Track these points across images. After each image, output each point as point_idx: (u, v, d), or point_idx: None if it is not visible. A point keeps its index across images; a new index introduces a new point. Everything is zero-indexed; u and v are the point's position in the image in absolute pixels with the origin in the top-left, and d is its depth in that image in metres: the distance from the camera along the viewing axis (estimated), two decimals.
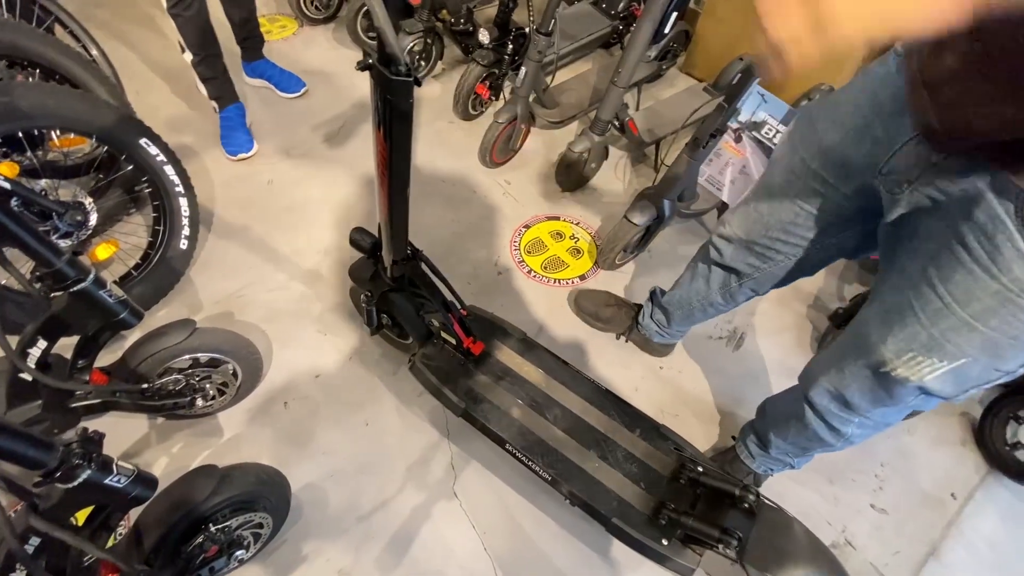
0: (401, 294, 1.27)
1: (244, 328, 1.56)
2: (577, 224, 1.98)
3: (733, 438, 1.40)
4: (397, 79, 0.77)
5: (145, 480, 0.92)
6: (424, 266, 1.24)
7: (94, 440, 0.83)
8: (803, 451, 1.19)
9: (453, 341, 1.32)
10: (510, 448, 1.20)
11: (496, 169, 2.10)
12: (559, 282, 1.81)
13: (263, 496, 1.12)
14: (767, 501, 1.09)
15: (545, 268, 1.84)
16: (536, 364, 1.35)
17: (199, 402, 1.28)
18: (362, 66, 0.79)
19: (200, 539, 1.01)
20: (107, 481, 0.84)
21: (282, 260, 1.73)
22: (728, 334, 1.75)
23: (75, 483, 0.79)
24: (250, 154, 1.97)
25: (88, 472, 0.79)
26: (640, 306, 1.62)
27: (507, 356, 1.36)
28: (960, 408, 1.69)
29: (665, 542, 1.09)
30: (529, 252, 1.87)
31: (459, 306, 1.33)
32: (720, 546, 1.01)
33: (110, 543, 1.00)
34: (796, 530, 1.05)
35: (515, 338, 1.39)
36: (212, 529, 1.02)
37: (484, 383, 1.29)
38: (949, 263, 0.70)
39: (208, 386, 1.30)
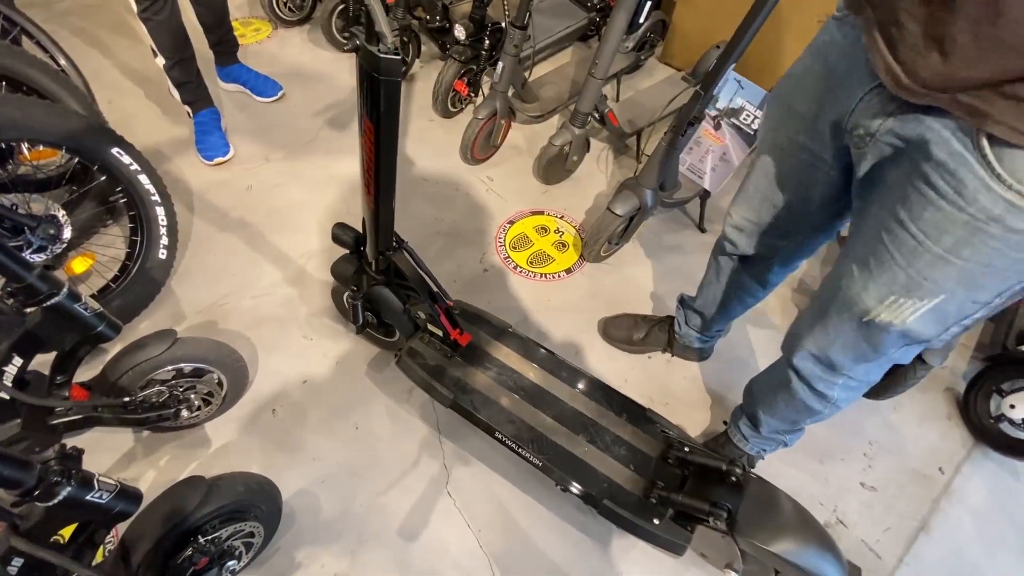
0: (387, 287, 1.26)
1: (228, 336, 1.54)
2: (561, 218, 1.98)
3: (725, 423, 1.41)
4: (385, 57, 0.78)
5: (129, 495, 0.91)
6: (409, 257, 1.24)
7: (73, 456, 0.81)
8: (792, 425, 1.20)
9: (440, 333, 1.31)
10: (499, 436, 1.21)
11: (478, 166, 2.09)
12: (546, 277, 1.81)
13: (253, 505, 1.11)
14: (753, 474, 1.11)
15: (531, 263, 1.83)
16: (523, 354, 1.35)
17: (184, 413, 1.26)
18: (350, 47, 0.81)
19: (189, 551, 1.00)
20: (89, 497, 0.83)
21: (265, 266, 1.71)
22: None
23: (55, 501, 0.77)
24: (227, 158, 1.95)
25: (68, 489, 0.78)
26: (670, 317, 1.62)
27: (494, 347, 1.36)
28: (944, 383, 1.71)
29: (656, 521, 1.09)
30: (514, 248, 1.86)
31: (445, 298, 1.33)
32: (711, 519, 1.02)
33: (97, 559, 0.99)
34: (783, 501, 1.07)
35: (502, 329, 1.39)
36: (201, 541, 1.00)
37: (472, 374, 1.30)
38: (918, 202, 0.72)
39: (193, 396, 1.28)
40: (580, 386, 1.31)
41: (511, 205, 1.99)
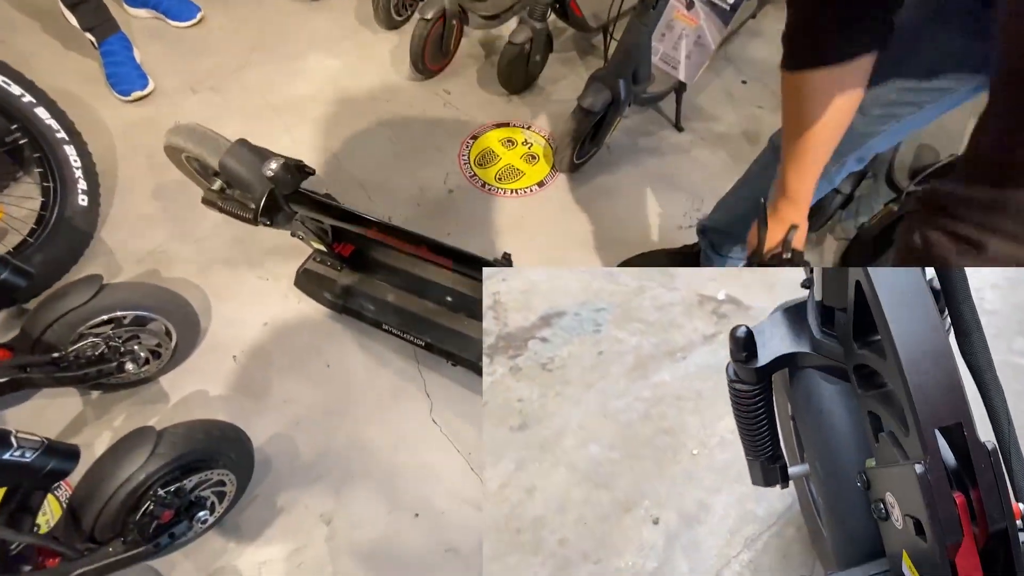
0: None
1: (175, 285, 1.39)
2: (529, 128, 1.82)
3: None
4: None
5: (60, 451, 0.81)
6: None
7: None
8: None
9: (324, 249, 1.32)
10: (387, 328, 1.29)
11: (432, 79, 1.90)
12: (517, 192, 1.67)
13: (218, 452, 1.01)
14: None
15: (499, 179, 1.69)
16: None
17: (129, 367, 1.14)
18: None
19: (149, 506, 0.91)
20: (7, 457, 0.72)
21: (204, 208, 1.54)
22: (696, 222, 1.65)
23: None
24: (146, 92, 1.72)
25: None
26: (691, 246, 1.47)
27: (377, 251, 1.37)
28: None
29: None
30: (480, 164, 1.72)
31: None
32: None
33: (43, 528, 0.89)
34: None
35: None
36: (161, 493, 0.91)
37: (360, 279, 1.36)
38: None
39: (137, 348, 1.15)
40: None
41: (473, 119, 1.82)
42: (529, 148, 1.77)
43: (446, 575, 1.11)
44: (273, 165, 1.08)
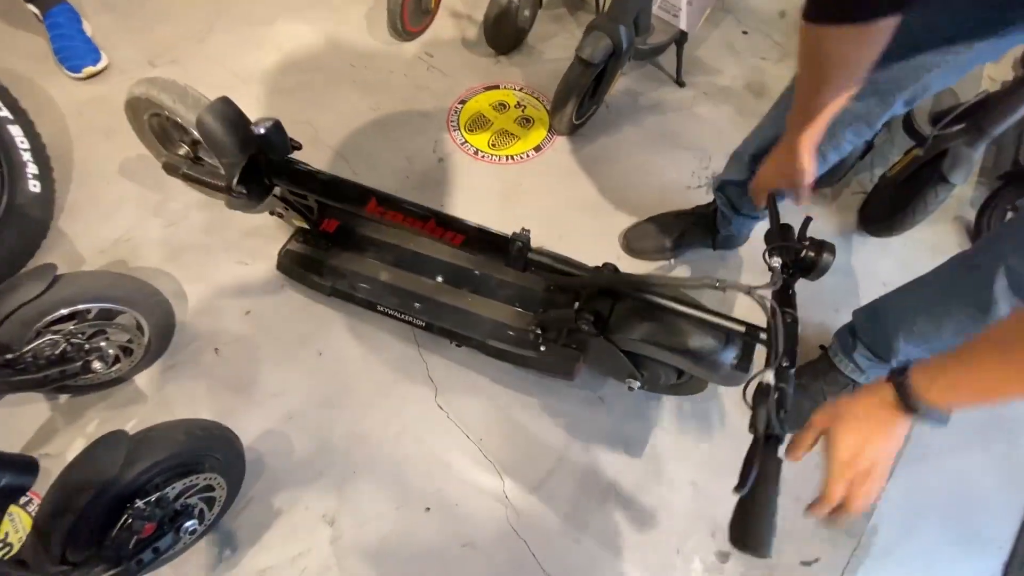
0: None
1: (144, 275, 1.26)
2: (520, 90, 1.69)
3: (822, 347, 1.23)
4: None
5: (17, 464, 0.69)
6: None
7: None
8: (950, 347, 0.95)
9: (308, 227, 1.20)
10: (381, 308, 1.17)
11: (413, 42, 1.76)
12: (512, 159, 1.56)
13: (202, 454, 0.91)
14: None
15: (493, 145, 1.57)
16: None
17: (97, 366, 1.02)
18: None
19: (127, 520, 0.80)
20: None
21: (172, 188, 1.40)
22: (706, 181, 1.56)
23: None
24: (99, 68, 1.57)
25: None
26: (705, 206, 1.36)
27: (366, 225, 1.27)
28: (952, 213, 1.59)
29: (543, 348, 1.09)
30: (471, 130, 1.59)
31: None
32: (583, 326, 0.93)
33: (15, 547, 0.79)
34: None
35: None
36: (139, 504, 0.81)
37: (348, 258, 1.24)
38: None
39: (105, 345, 1.03)
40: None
41: (460, 82, 1.69)
42: (523, 111, 1.65)
43: (465, 572, 1.03)
44: (268, 123, 0.95)
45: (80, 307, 0.99)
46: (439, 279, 1.21)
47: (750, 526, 0.61)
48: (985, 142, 1.25)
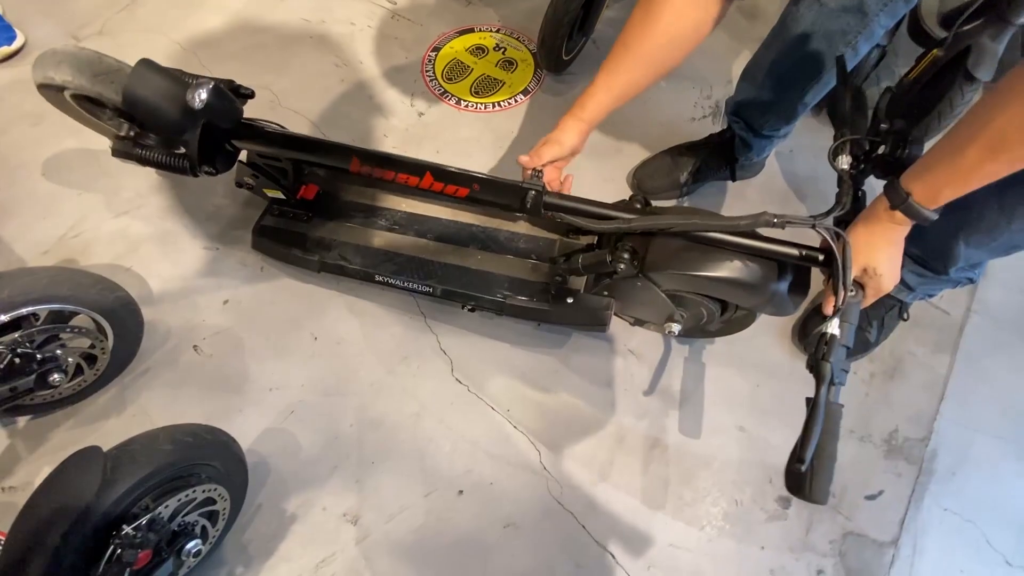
0: None
1: (99, 272, 1.11)
2: (498, 31, 1.54)
3: None
4: None
5: None
6: None
7: None
8: (1012, 250, 0.89)
9: (284, 196, 1.06)
10: (380, 279, 1.05)
11: None
12: (499, 106, 1.42)
13: (195, 463, 0.78)
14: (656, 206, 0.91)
15: (476, 93, 1.43)
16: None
17: (56, 377, 0.87)
18: None
19: (115, 551, 0.67)
20: None
21: (120, 173, 1.23)
22: (711, 111, 1.45)
23: None
24: (14, 47, 1.36)
25: None
26: (720, 134, 1.25)
27: (350, 189, 1.13)
28: None
29: (570, 300, 0.99)
30: (450, 79, 1.44)
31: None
32: (615, 265, 0.84)
33: None
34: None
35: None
36: (127, 531, 0.67)
37: (334, 227, 1.10)
38: None
39: (61, 353, 0.88)
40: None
41: (429, 29, 1.53)
42: (503, 53, 1.50)
43: (511, 555, 0.93)
44: (203, 94, 0.78)
45: (23, 311, 0.83)
46: (441, 239, 1.08)
47: (816, 479, 0.60)
48: (1010, 33, 1.16)
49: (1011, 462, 1.06)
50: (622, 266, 0.82)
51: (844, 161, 0.70)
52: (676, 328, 0.94)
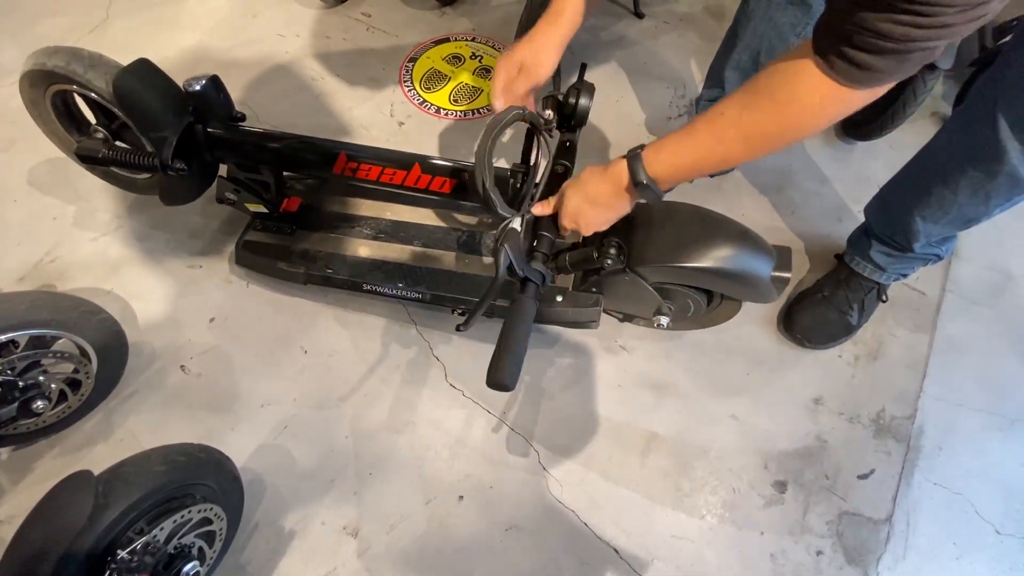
0: None
1: (81, 296, 1.08)
2: (473, 40, 1.56)
3: (837, 256, 1.17)
4: None
5: None
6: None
7: None
8: (969, 223, 0.94)
9: (267, 210, 1.05)
10: (368, 287, 1.04)
11: (345, 3, 1.59)
12: (479, 113, 1.43)
13: (190, 483, 0.76)
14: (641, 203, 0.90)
15: (455, 101, 1.44)
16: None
17: (39, 405, 0.85)
18: None
19: None
20: None
21: (96, 195, 1.21)
22: (686, 109, 1.48)
23: None
24: None
25: None
26: None
27: (334, 200, 1.13)
28: (928, 109, 1.57)
29: (561, 298, 0.98)
30: (428, 88, 1.45)
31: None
32: (601, 262, 0.85)
33: None
34: (683, 214, 0.88)
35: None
36: (122, 556, 0.66)
37: (319, 238, 1.09)
38: None
39: (44, 379, 0.86)
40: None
41: (405, 39, 1.54)
42: (480, 61, 1.52)
43: (515, 557, 0.93)
44: (202, 80, 0.80)
45: (1, 338, 0.81)
46: (427, 245, 1.08)
47: (499, 362, 0.68)
48: None
49: (993, 433, 1.09)
50: (609, 262, 0.83)
51: (547, 113, 0.85)
52: (665, 321, 0.96)
